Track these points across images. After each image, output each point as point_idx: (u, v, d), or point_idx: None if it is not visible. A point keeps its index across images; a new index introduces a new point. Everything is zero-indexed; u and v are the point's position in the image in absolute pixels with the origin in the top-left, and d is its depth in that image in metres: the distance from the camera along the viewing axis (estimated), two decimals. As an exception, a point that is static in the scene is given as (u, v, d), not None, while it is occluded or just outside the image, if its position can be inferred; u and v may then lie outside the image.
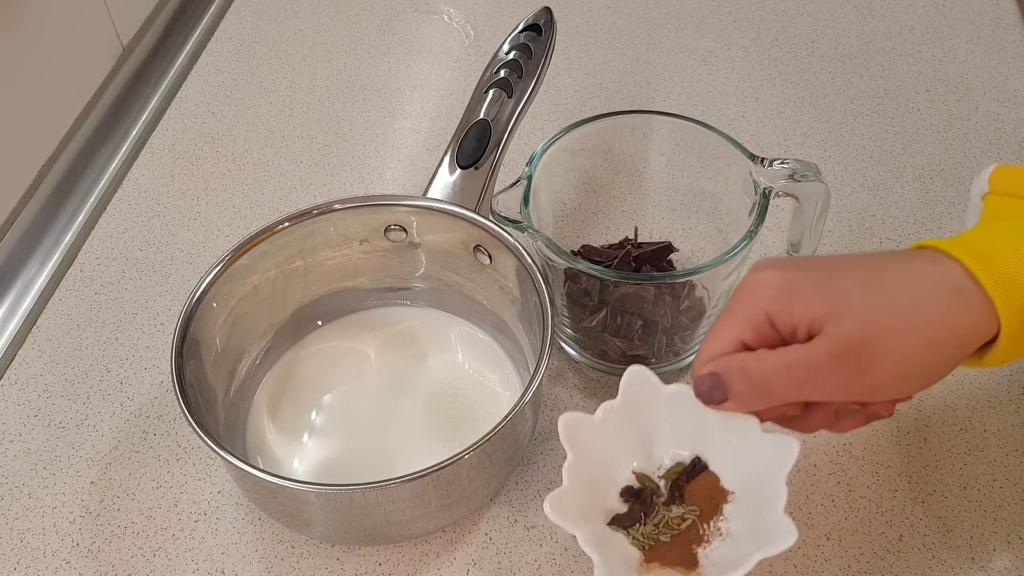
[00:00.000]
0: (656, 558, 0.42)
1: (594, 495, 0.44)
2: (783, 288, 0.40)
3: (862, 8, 0.83)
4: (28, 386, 0.58)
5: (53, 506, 0.52)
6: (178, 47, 0.82)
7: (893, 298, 0.38)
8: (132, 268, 0.64)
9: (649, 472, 0.45)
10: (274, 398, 0.55)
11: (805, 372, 0.38)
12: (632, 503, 0.44)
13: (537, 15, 0.58)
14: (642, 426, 0.45)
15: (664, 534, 0.43)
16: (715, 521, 0.43)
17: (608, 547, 0.42)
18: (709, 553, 0.42)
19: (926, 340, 0.38)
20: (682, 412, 0.43)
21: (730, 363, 0.40)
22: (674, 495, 0.44)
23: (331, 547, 0.50)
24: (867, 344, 0.38)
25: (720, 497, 0.43)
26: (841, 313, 0.38)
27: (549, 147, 0.54)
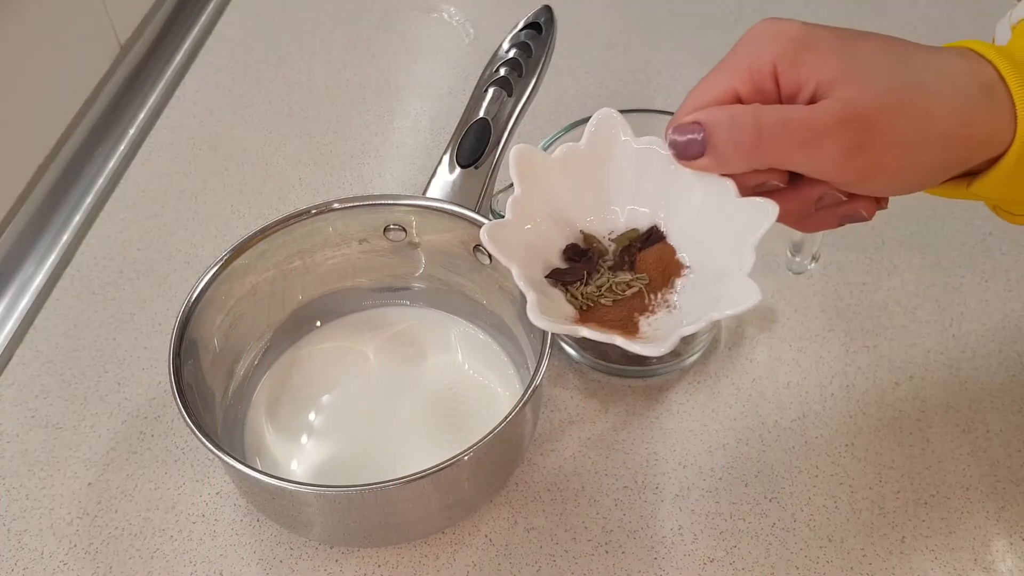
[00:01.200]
0: (593, 319, 0.38)
1: (537, 243, 0.39)
2: (801, 39, 0.35)
3: (862, 8, 0.82)
4: (25, 387, 0.57)
5: (50, 507, 0.52)
6: (176, 45, 0.81)
7: (916, 76, 0.34)
8: (130, 268, 0.64)
9: (600, 233, 0.41)
10: (273, 399, 0.55)
11: (803, 132, 0.34)
12: (575, 261, 0.40)
13: (537, 13, 0.58)
14: (602, 179, 0.40)
15: (606, 297, 0.39)
16: (664, 293, 0.39)
17: (542, 295, 0.37)
18: (651, 322, 0.38)
19: (939, 131, 0.34)
20: (650, 171, 0.39)
21: (719, 113, 0.35)
22: (623, 261, 0.40)
23: (330, 549, 0.50)
24: (878, 117, 0.34)
25: (674, 270, 0.40)
26: (856, 78, 0.34)
27: (549, 146, 0.54)
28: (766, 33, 0.36)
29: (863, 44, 0.35)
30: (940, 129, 0.34)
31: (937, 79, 0.35)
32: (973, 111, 0.34)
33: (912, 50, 0.36)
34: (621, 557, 0.49)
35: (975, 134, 0.35)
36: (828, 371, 0.57)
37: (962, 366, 0.57)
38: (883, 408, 0.55)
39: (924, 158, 0.35)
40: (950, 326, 0.59)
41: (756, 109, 0.35)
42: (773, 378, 0.56)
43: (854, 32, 0.36)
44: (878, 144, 0.34)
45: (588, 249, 0.40)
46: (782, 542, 0.50)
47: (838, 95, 0.34)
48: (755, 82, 0.36)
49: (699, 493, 0.52)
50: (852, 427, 0.54)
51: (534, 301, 0.35)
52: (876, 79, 0.34)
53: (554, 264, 0.40)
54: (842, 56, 0.35)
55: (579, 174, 0.39)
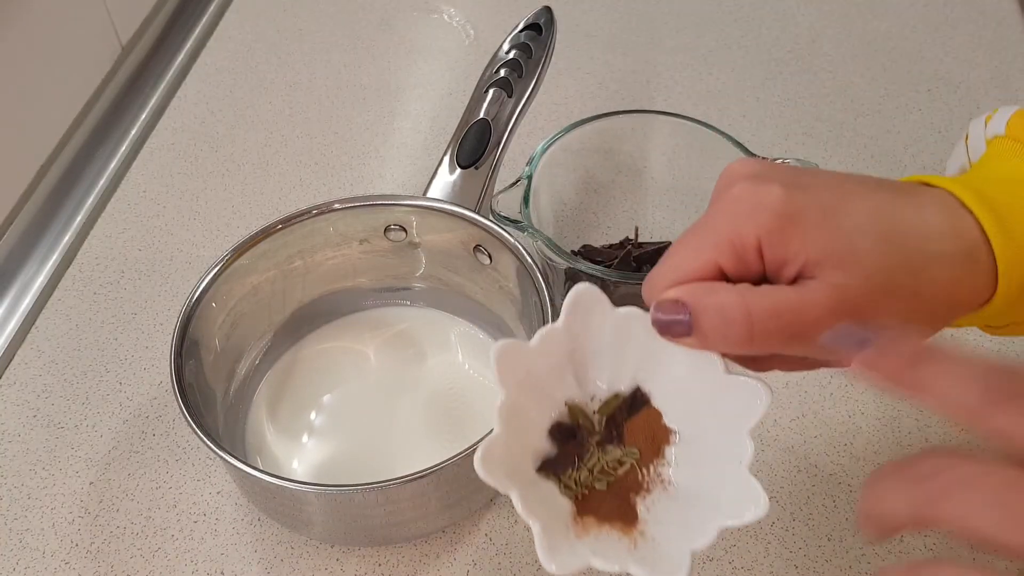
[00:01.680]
0: (590, 510, 0.37)
1: (521, 433, 0.37)
2: (784, 212, 0.33)
3: (862, 8, 0.83)
4: (27, 386, 0.58)
5: (52, 507, 0.52)
6: (177, 46, 0.82)
7: (903, 251, 0.33)
8: (131, 268, 0.64)
9: (583, 404, 0.39)
10: (273, 398, 0.55)
11: (796, 325, 0.33)
12: (563, 443, 0.38)
13: (537, 14, 0.58)
14: (583, 352, 0.38)
15: (599, 480, 0.37)
16: (656, 465, 0.37)
17: (541, 503, 0.36)
18: (650, 506, 0.37)
19: (925, 306, 0.34)
20: (629, 338, 0.37)
21: (705, 297, 0.34)
22: (611, 433, 0.38)
23: (331, 548, 0.50)
24: (867, 303, 0.33)
25: (662, 437, 0.38)
26: (845, 260, 0.33)
27: (549, 147, 0.54)
28: (746, 203, 0.34)
29: (847, 212, 0.34)
30: (928, 304, 0.34)
31: (923, 248, 0.34)
32: (958, 280, 0.34)
33: (897, 211, 0.34)
34: (621, 556, 0.49)
35: (958, 301, 0.35)
36: (827, 370, 0.57)
37: (961, 366, 0.57)
38: (882, 407, 0.55)
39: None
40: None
41: (746, 298, 0.33)
42: (772, 378, 0.56)
43: (836, 190, 0.34)
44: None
45: (575, 426, 0.38)
46: (781, 541, 0.50)
47: (828, 279, 0.33)
48: (738, 256, 0.34)
49: (698, 492, 0.52)
50: (851, 426, 0.54)
51: (540, 536, 0.34)
52: (864, 260, 0.33)
53: (542, 448, 0.38)
54: (829, 232, 0.33)
55: (559, 352, 0.38)
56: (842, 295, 0.33)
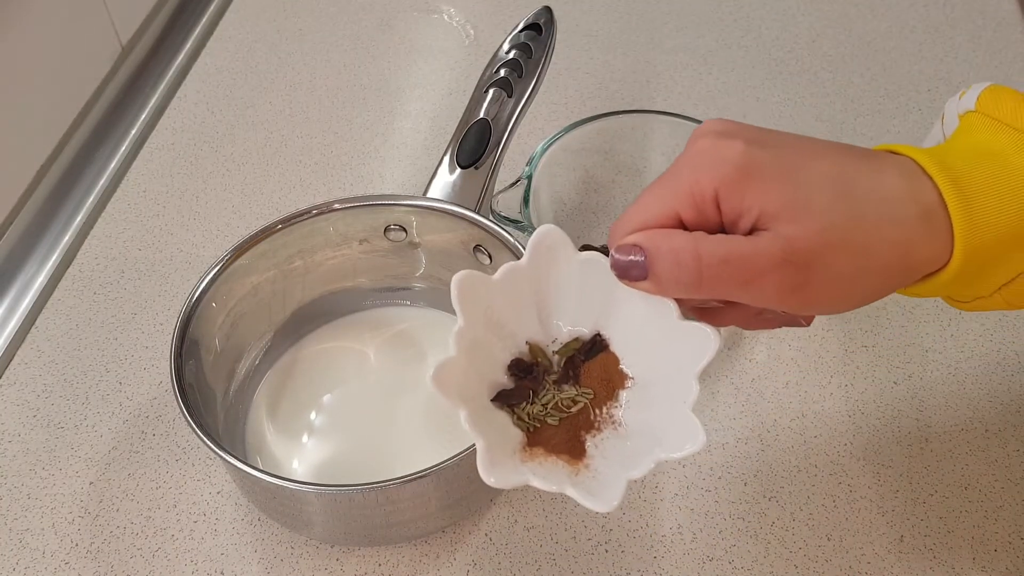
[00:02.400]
0: (540, 442, 0.38)
1: (481, 364, 0.39)
2: (743, 166, 0.34)
3: (862, 8, 0.83)
4: (27, 386, 0.58)
5: (52, 507, 0.52)
6: (177, 46, 0.82)
7: (857, 209, 0.34)
8: (131, 268, 0.64)
9: (543, 345, 0.40)
10: (273, 398, 0.55)
11: (745, 272, 0.34)
12: (521, 378, 0.40)
13: (537, 14, 0.58)
14: (544, 293, 0.40)
15: (552, 416, 0.39)
16: (608, 407, 0.39)
17: (490, 427, 0.37)
18: (599, 443, 0.38)
19: (878, 264, 0.35)
20: (591, 282, 0.39)
21: (661, 241, 0.35)
22: (568, 374, 0.40)
23: (331, 548, 0.50)
24: (817, 257, 0.34)
25: (617, 381, 0.39)
26: (798, 213, 0.34)
27: (549, 147, 0.54)
28: (708, 156, 0.35)
29: (807, 171, 0.35)
30: (878, 262, 0.35)
31: (878, 208, 0.35)
32: (912, 241, 0.35)
33: (856, 172, 0.35)
34: (621, 556, 0.49)
35: (912, 262, 0.35)
36: (827, 370, 0.57)
37: (960, 366, 0.57)
38: (882, 407, 0.55)
39: (861, 288, 0.35)
40: (948, 326, 0.59)
41: (698, 244, 0.35)
42: (772, 377, 0.57)
43: (800, 151, 0.36)
44: (816, 281, 0.34)
45: (533, 364, 0.40)
46: (781, 541, 0.50)
47: (779, 230, 0.34)
48: (697, 206, 0.35)
49: (698, 492, 0.52)
50: (851, 426, 0.54)
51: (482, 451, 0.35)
52: (818, 214, 0.34)
53: (500, 382, 0.39)
54: (785, 186, 0.34)
55: (522, 290, 0.39)
56: (791, 246, 0.34)
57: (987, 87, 0.39)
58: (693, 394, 0.36)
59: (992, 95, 0.38)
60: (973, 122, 0.38)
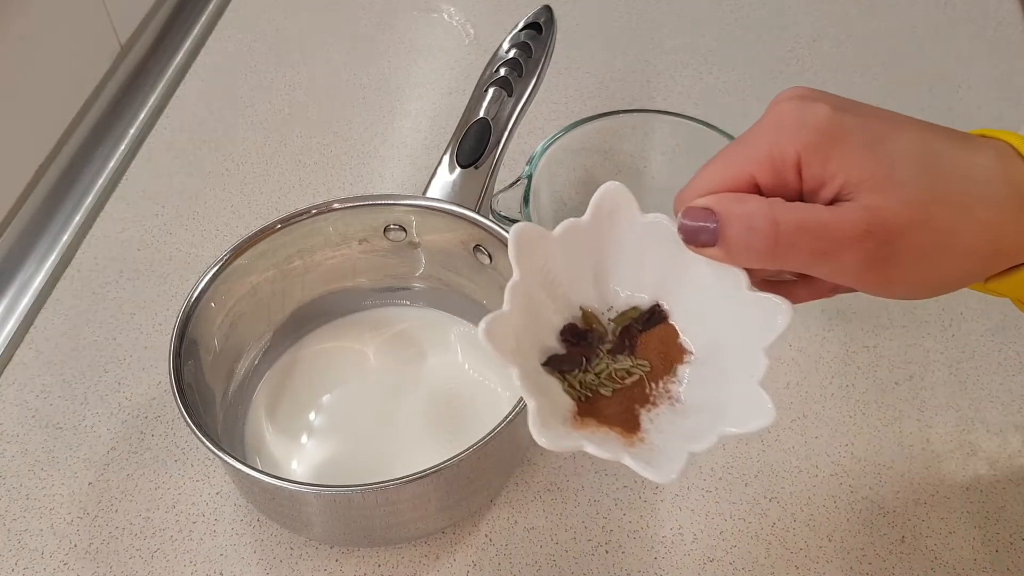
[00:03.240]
0: (592, 413, 0.36)
1: (533, 326, 0.36)
2: (829, 130, 0.32)
3: (862, 8, 0.82)
4: (25, 387, 0.58)
5: (51, 507, 0.52)
6: (176, 46, 0.81)
7: (947, 185, 0.32)
8: (130, 268, 0.64)
9: (600, 311, 0.38)
10: (273, 398, 0.55)
11: (823, 242, 0.32)
12: (573, 345, 0.37)
13: (537, 13, 0.58)
14: (604, 255, 0.37)
15: (605, 387, 0.36)
16: (666, 382, 0.36)
17: (540, 391, 0.35)
18: (654, 418, 0.36)
19: (965, 246, 0.32)
20: (654, 248, 0.36)
21: (734, 206, 0.33)
22: (623, 344, 0.37)
23: (330, 548, 0.50)
24: (902, 230, 0.32)
25: (676, 355, 0.37)
26: (884, 183, 0.32)
27: (549, 146, 0.54)
28: (791, 118, 0.33)
29: (895, 140, 0.33)
30: (965, 244, 0.32)
31: (968, 187, 0.32)
32: (1003, 224, 0.33)
33: (947, 149, 0.33)
34: (621, 557, 0.49)
35: (1000, 247, 0.33)
36: (828, 371, 0.57)
37: (962, 366, 0.57)
38: (883, 408, 0.55)
39: (944, 270, 0.33)
40: (950, 326, 0.59)
41: (774, 210, 0.32)
42: (773, 378, 0.56)
43: (887, 121, 0.34)
44: (899, 258, 0.32)
45: (587, 331, 0.38)
46: (782, 542, 0.50)
47: (863, 201, 0.32)
48: (776, 171, 0.33)
49: (699, 493, 0.52)
50: (852, 427, 0.54)
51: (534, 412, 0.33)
52: (905, 186, 0.32)
53: (551, 347, 0.37)
54: (870, 155, 0.32)
55: (580, 249, 0.37)
56: (875, 217, 0.32)
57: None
58: (762, 368, 0.34)
59: None
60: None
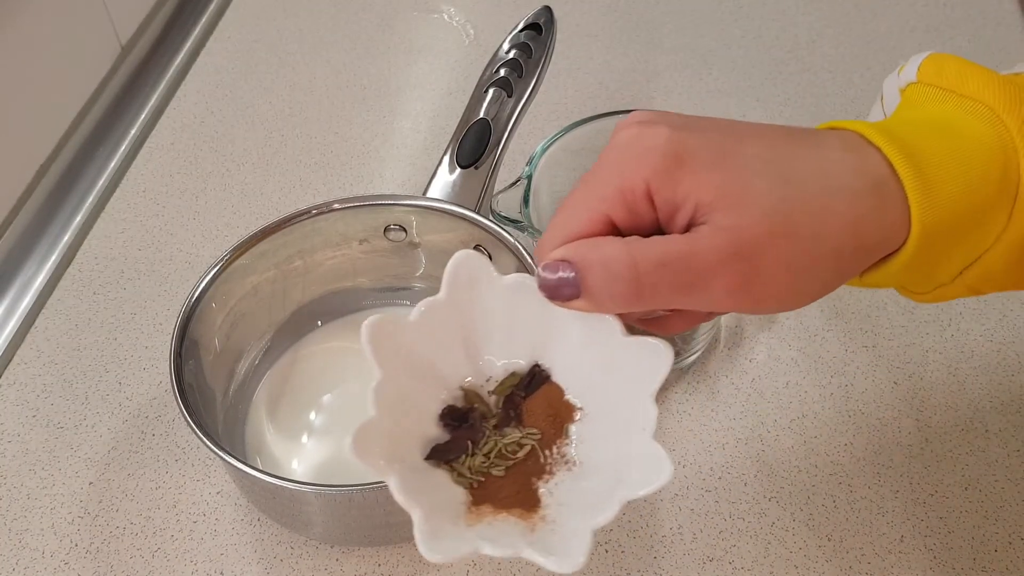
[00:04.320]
0: (487, 498, 0.34)
1: (409, 422, 0.34)
2: (672, 153, 0.31)
3: (862, 8, 0.82)
4: (26, 387, 0.58)
5: (52, 507, 0.52)
6: (177, 46, 0.82)
7: (800, 190, 0.31)
8: (131, 268, 0.64)
9: (478, 385, 0.36)
10: (273, 398, 0.55)
11: (687, 274, 0.31)
12: (456, 428, 0.35)
13: (537, 14, 0.58)
14: (472, 326, 0.36)
15: (496, 466, 0.34)
16: (559, 446, 0.35)
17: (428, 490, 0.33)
18: (553, 488, 0.34)
19: (830, 248, 0.31)
20: (522, 310, 0.35)
21: (590, 252, 0.32)
22: (508, 415, 0.35)
23: (330, 548, 0.50)
24: (763, 245, 0.30)
25: (565, 415, 0.35)
26: (737, 200, 0.30)
27: (549, 146, 0.54)
28: (633, 148, 0.32)
29: (741, 152, 0.32)
30: (828, 246, 0.31)
31: (823, 187, 0.31)
32: (863, 218, 0.32)
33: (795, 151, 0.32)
34: (621, 557, 0.49)
35: (866, 242, 0.32)
36: (827, 371, 0.57)
37: (960, 366, 0.57)
38: (882, 408, 0.55)
39: (813, 278, 0.32)
40: (949, 326, 0.59)
41: (632, 250, 0.31)
42: (772, 378, 0.57)
43: (730, 133, 0.33)
44: (765, 274, 0.31)
45: (468, 411, 0.36)
46: (781, 541, 0.50)
47: (719, 222, 0.31)
48: (628, 205, 0.32)
49: (698, 492, 0.52)
50: (851, 426, 0.54)
51: (420, 524, 0.30)
52: (759, 200, 0.31)
53: (433, 436, 0.35)
54: (720, 173, 0.31)
55: (444, 326, 0.35)
56: (735, 237, 0.30)
57: (927, 56, 0.36)
58: (651, 418, 0.32)
59: (934, 63, 0.36)
60: (916, 94, 0.36)
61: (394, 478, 0.31)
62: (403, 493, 0.31)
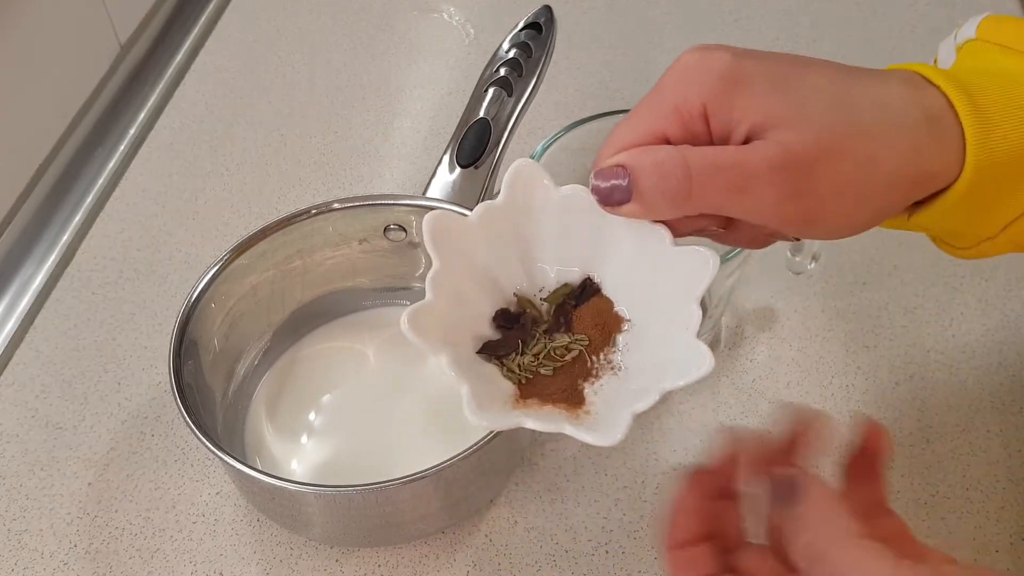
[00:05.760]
0: (534, 393, 0.35)
1: (462, 316, 0.36)
2: (731, 76, 0.32)
3: (863, 8, 0.82)
4: (25, 387, 0.57)
5: (51, 507, 0.52)
6: (176, 46, 0.81)
7: (858, 116, 0.32)
8: (130, 268, 0.64)
9: (531, 293, 0.37)
10: (273, 399, 0.55)
11: (737, 178, 0.31)
12: (508, 330, 0.37)
13: (537, 13, 0.58)
14: (526, 235, 0.37)
15: (545, 366, 0.36)
16: (606, 353, 0.36)
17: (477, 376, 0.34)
18: (598, 389, 0.35)
19: (883, 174, 0.32)
20: (576, 221, 0.36)
21: (643, 157, 0.32)
22: (559, 322, 0.37)
23: (330, 549, 0.50)
24: (817, 162, 0.31)
25: (613, 325, 0.36)
26: (792, 119, 0.31)
27: (549, 146, 0.54)
28: (693, 69, 0.33)
29: (799, 79, 0.32)
30: (884, 172, 0.32)
31: (881, 115, 0.32)
32: (919, 148, 0.32)
33: (854, 83, 0.33)
34: (621, 558, 0.49)
35: (921, 172, 0.32)
36: (828, 371, 0.57)
37: (961, 366, 0.57)
38: (883, 408, 0.55)
39: (866, 203, 0.33)
40: (950, 326, 0.59)
41: (684, 152, 0.32)
42: (773, 378, 0.56)
43: (790, 62, 0.33)
44: (818, 191, 0.32)
45: (520, 314, 0.37)
46: (782, 542, 0.50)
47: (774, 137, 0.31)
48: (684, 123, 0.33)
49: (699, 493, 0.52)
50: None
51: (468, 395, 0.32)
52: (814, 120, 0.32)
53: (486, 335, 0.36)
54: (776, 95, 0.32)
55: (501, 233, 0.36)
56: (788, 151, 0.31)
57: (985, 16, 0.37)
58: (695, 319, 0.33)
59: (993, 23, 0.36)
60: (975, 48, 0.36)
61: (446, 355, 0.33)
62: (455, 368, 0.32)
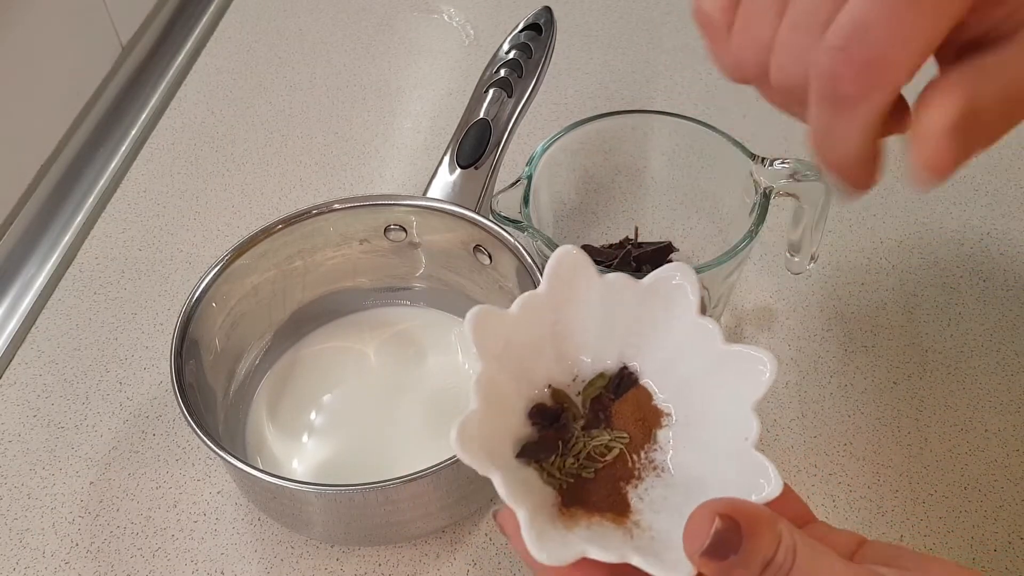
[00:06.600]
0: (577, 501, 0.32)
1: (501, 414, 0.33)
2: None
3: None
4: (27, 386, 0.58)
5: (52, 506, 0.52)
6: (177, 46, 0.82)
7: None
8: (131, 268, 0.64)
9: (565, 383, 0.35)
10: (274, 398, 0.55)
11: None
12: (545, 428, 0.34)
13: (537, 14, 0.58)
14: (562, 324, 0.35)
15: (587, 468, 0.33)
16: (648, 451, 0.34)
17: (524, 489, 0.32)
18: (643, 494, 0.33)
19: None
20: (616, 307, 0.34)
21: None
22: (597, 416, 0.35)
23: (331, 548, 0.50)
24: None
25: (653, 420, 0.34)
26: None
27: (549, 147, 0.54)
28: None
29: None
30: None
31: None
32: None
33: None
34: (620, 556, 0.49)
35: None
36: (827, 370, 0.57)
37: (960, 366, 0.57)
38: (881, 407, 0.55)
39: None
40: (948, 326, 0.59)
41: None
42: (772, 378, 0.56)
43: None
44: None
45: (559, 411, 0.35)
46: (781, 541, 0.50)
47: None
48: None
49: (698, 492, 0.52)
50: (850, 426, 0.54)
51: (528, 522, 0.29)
52: None
53: (520, 430, 0.34)
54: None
55: (539, 322, 0.34)
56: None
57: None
58: (755, 430, 0.31)
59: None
60: None
61: (498, 475, 0.30)
62: (508, 489, 0.30)
